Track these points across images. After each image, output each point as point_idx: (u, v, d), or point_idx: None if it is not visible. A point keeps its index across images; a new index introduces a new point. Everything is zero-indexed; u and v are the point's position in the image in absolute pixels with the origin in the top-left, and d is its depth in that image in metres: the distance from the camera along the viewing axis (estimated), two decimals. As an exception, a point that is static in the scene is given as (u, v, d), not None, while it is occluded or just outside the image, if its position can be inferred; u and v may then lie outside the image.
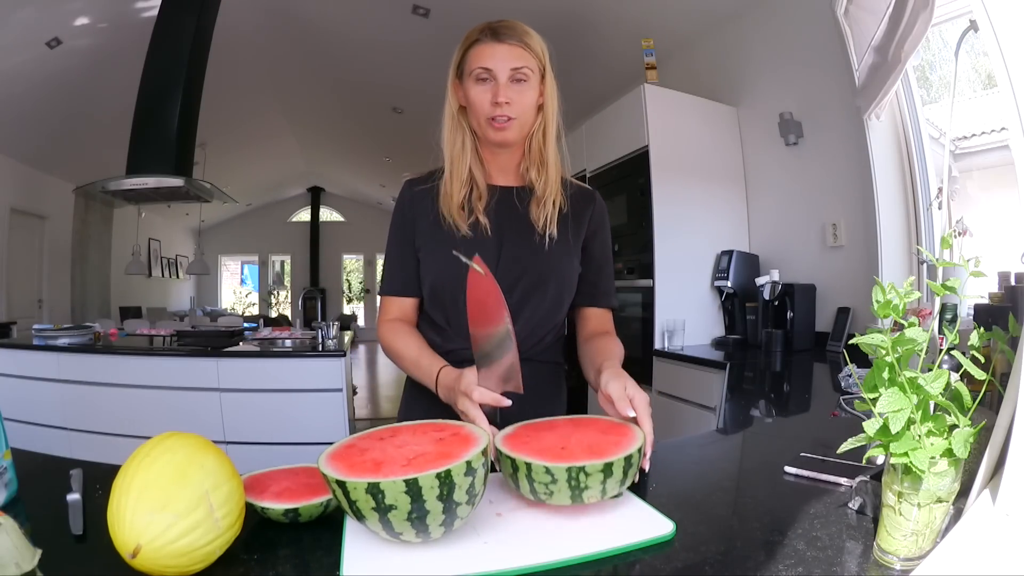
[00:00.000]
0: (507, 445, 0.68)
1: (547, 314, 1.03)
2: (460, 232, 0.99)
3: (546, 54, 0.99)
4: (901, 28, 1.84)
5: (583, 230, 1.06)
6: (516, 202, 1.03)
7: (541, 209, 1.01)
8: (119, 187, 3.70)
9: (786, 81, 2.68)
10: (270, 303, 12.04)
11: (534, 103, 0.98)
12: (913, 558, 0.55)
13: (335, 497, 0.58)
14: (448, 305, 1.01)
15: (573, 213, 1.05)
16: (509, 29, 0.95)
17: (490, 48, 0.94)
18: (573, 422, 0.75)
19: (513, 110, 0.95)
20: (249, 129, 7.34)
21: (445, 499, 0.56)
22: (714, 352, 2.58)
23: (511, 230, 1.01)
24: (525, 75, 0.95)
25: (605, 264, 1.10)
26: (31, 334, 3.14)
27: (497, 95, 0.93)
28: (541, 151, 1.01)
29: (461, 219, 0.99)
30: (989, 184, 2.02)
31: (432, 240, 1.01)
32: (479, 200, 1.01)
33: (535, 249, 1.00)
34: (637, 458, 0.66)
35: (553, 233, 1.00)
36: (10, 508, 0.71)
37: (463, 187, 1.01)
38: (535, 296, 1.00)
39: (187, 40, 3.69)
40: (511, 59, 0.94)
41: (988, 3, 0.58)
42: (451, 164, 1.01)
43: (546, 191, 1.01)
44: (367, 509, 0.56)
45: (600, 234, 1.10)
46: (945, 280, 0.57)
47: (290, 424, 2.75)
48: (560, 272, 1.02)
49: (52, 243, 6.29)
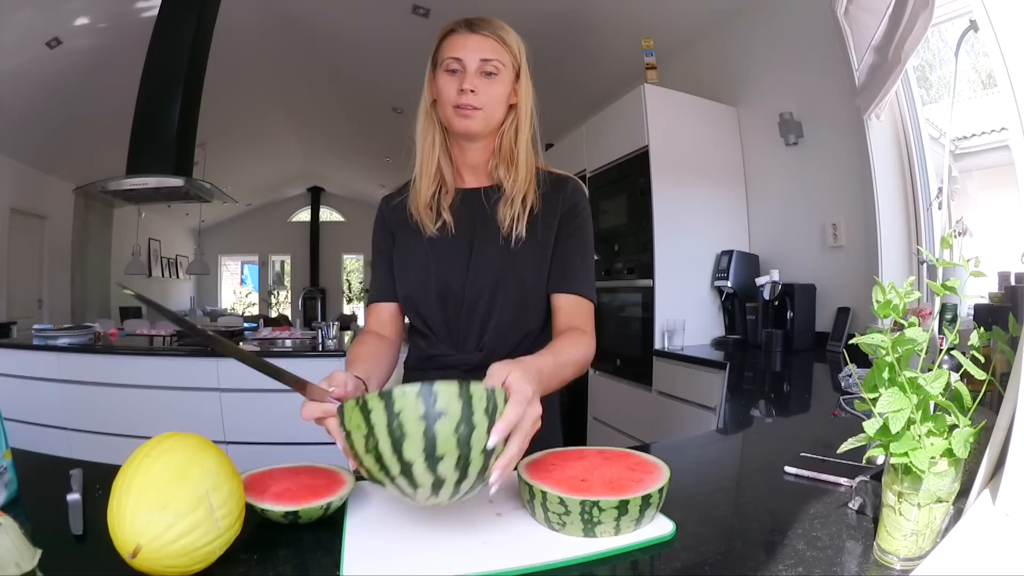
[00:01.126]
0: (528, 471, 0.67)
1: (515, 318, 1.00)
2: (428, 232, 1.00)
3: (523, 52, 0.99)
4: (901, 28, 1.84)
5: (555, 219, 1.01)
6: (484, 203, 1.01)
7: (508, 208, 0.98)
8: (119, 187, 3.70)
9: (786, 81, 2.68)
10: (270, 303, 12.03)
11: (503, 98, 0.97)
12: (913, 558, 0.55)
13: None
14: (426, 315, 1.02)
15: (545, 207, 1.00)
16: (484, 22, 0.95)
17: (462, 38, 0.94)
18: (603, 454, 0.74)
19: (479, 100, 0.94)
20: (249, 129, 7.33)
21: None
22: (714, 352, 2.58)
23: (479, 233, 1.00)
24: (496, 68, 0.94)
25: (577, 249, 1.02)
26: (31, 334, 3.14)
27: (463, 83, 0.93)
28: (511, 150, 1.00)
29: (428, 219, 1.00)
30: (989, 184, 2.02)
31: (404, 249, 1.03)
32: (446, 197, 1.01)
33: (501, 252, 0.98)
34: (657, 499, 0.63)
35: (521, 234, 0.97)
36: (10, 508, 0.71)
37: (432, 184, 1.01)
38: (501, 300, 0.99)
39: (187, 40, 3.69)
40: (482, 50, 0.94)
41: (988, 3, 0.58)
42: (421, 159, 1.01)
43: (514, 190, 0.99)
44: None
45: (572, 219, 1.02)
46: (945, 280, 0.57)
47: (290, 424, 2.73)
48: (525, 274, 0.99)
49: (52, 243, 6.29)
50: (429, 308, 1.00)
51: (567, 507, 0.61)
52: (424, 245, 1.00)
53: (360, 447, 0.57)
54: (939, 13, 1.79)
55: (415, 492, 0.57)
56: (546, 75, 3.54)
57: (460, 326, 1.01)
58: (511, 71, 0.97)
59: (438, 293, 1.00)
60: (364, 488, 0.76)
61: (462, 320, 1.00)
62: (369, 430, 0.56)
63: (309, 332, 3.55)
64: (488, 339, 0.99)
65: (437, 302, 1.00)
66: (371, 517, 0.68)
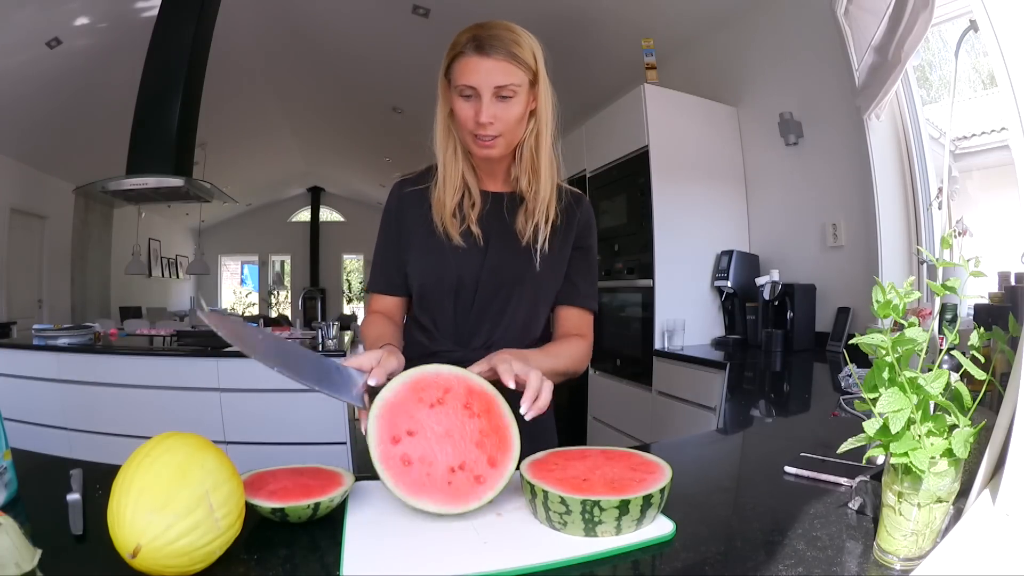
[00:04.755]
0: (530, 471, 0.68)
1: (526, 321, 1.02)
2: (452, 241, 0.99)
3: (539, 58, 0.94)
4: (901, 28, 1.84)
5: (571, 236, 1.05)
6: (504, 210, 1.02)
7: (529, 219, 0.99)
8: (119, 187, 3.70)
9: (786, 81, 2.68)
10: (270, 303, 12.03)
11: (521, 115, 0.94)
12: (913, 558, 0.55)
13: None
14: (435, 309, 1.02)
15: (565, 220, 1.03)
16: (496, 40, 0.89)
17: (475, 63, 0.89)
18: (605, 454, 0.74)
19: (497, 127, 0.92)
20: (249, 129, 7.33)
21: None
22: (714, 352, 2.58)
23: (497, 238, 1.01)
24: (512, 92, 0.91)
25: (588, 267, 1.08)
26: (31, 334, 3.13)
27: (480, 114, 0.90)
28: (533, 158, 0.99)
29: (453, 228, 0.99)
30: (989, 184, 2.02)
31: (423, 246, 1.02)
32: (472, 208, 1.00)
33: (519, 255, 0.99)
34: (659, 499, 0.63)
35: (543, 246, 0.99)
36: (10, 508, 0.71)
37: (456, 193, 1.00)
38: (514, 304, 1.00)
39: (187, 40, 3.68)
40: (496, 76, 0.89)
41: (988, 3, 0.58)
42: (444, 169, 1.00)
43: (536, 203, 0.99)
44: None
45: (586, 237, 1.07)
46: (945, 280, 0.57)
47: (290, 424, 2.75)
48: (541, 279, 1.01)
49: (52, 243, 6.29)
50: (440, 301, 1.00)
51: (568, 507, 0.61)
52: (440, 237, 1.00)
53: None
54: (939, 13, 1.79)
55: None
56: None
57: (469, 323, 1.01)
58: (527, 84, 0.94)
59: (452, 287, 1.00)
60: (364, 488, 0.76)
61: (472, 317, 1.00)
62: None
63: (309, 332, 3.55)
64: (497, 339, 1.00)
65: (449, 296, 1.00)
66: (371, 517, 0.68)
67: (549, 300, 1.05)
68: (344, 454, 2.73)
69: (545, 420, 1.08)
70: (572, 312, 1.06)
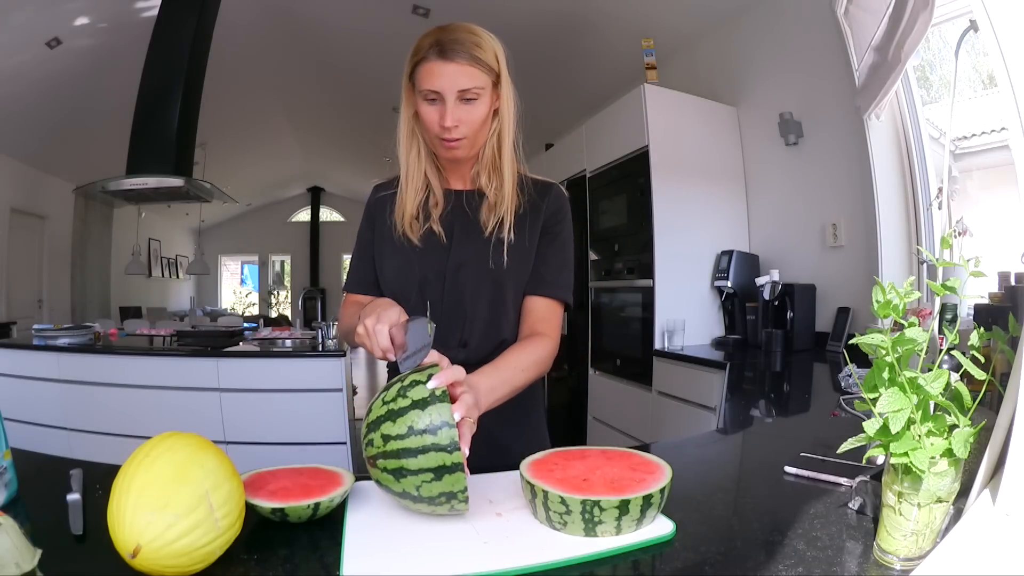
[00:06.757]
0: (531, 471, 0.68)
1: (497, 315, 1.02)
2: (412, 242, 1.00)
3: (501, 59, 0.95)
4: (901, 28, 1.84)
5: (539, 222, 1.04)
6: (466, 207, 1.03)
7: (491, 214, 1.00)
8: (119, 187, 3.70)
9: (786, 81, 2.68)
10: (270, 303, 12.03)
11: (485, 116, 0.96)
12: (913, 558, 0.55)
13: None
14: (407, 310, 1.02)
15: (530, 211, 1.03)
16: (458, 44, 0.90)
17: (438, 68, 0.90)
18: (605, 454, 0.74)
19: (462, 130, 0.93)
20: (249, 129, 7.33)
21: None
22: (714, 352, 2.57)
23: (461, 234, 1.01)
24: (475, 94, 0.92)
25: (556, 254, 1.05)
26: (31, 334, 3.14)
27: (444, 118, 0.91)
28: (495, 156, 1.00)
29: (413, 232, 1.00)
30: (989, 184, 2.02)
31: (391, 248, 1.03)
32: (435, 207, 1.02)
33: (482, 248, 1.00)
34: (659, 499, 0.64)
35: (508, 238, 0.99)
36: (10, 508, 0.71)
37: (418, 194, 1.01)
38: (485, 299, 1.00)
39: (187, 40, 3.69)
40: (459, 80, 0.90)
41: (988, 3, 0.58)
42: (406, 172, 1.01)
43: (498, 199, 1.00)
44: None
45: (554, 224, 1.05)
46: (945, 280, 0.57)
47: (290, 424, 2.75)
48: (509, 271, 1.00)
49: (52, 243, 6.29)
50: (410, 301, 1.00)
51: (568, 507, 0.61)
52: (403, 238, 1.01)
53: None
54: (939, 13, 1.79)
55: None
56: (546, 75, 3.55)
57: (441, 321, 1.01)
58: (491, 84, 0.95)
59: (418, 285, 1.01)
60: (364, 488, 0.76)
61: (443, 315, 1.00)
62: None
63: (309, 332, 3.55)
64: (470, 335, 1.01)
65: (418, 295, 1.01)
66: (371, 517, 0.68)
67: (519, 292, 1.04)
68: (344, 454, 2.73)
69: (537, 430, 1.08)
70: (539, 303, 1.03)
